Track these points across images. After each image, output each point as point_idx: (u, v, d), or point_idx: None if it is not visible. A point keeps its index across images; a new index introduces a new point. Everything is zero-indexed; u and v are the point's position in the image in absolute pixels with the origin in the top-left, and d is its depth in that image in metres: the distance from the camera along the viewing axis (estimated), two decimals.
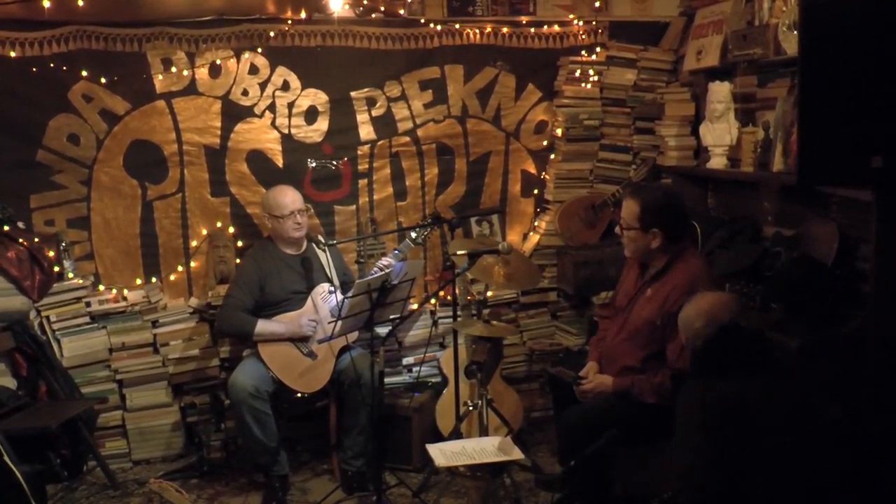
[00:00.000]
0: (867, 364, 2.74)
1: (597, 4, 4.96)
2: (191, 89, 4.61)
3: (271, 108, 4.71)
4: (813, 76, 2.48)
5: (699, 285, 3.23)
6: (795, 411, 2.29)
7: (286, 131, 4.75)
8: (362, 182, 4.91)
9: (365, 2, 4.70)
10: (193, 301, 4.73)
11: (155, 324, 4.64)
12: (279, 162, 4.76)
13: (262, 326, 4.15)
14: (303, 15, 4.61)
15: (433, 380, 4.84)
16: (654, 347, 3.41)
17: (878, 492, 2.52)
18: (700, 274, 3.34)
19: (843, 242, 3.30)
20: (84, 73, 4.43)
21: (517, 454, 3.47)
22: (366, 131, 4.85)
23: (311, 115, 4.77)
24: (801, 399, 2.32)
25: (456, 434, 4.20)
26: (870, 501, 2.50)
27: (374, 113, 4.85)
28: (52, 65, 4.37)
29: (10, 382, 4.21)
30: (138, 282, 4.73)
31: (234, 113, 4.68)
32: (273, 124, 4.73)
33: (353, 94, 4.79)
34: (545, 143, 5.13)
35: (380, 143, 4.89)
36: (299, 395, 4.19)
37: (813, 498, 2.28)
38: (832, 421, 2.32)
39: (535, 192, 5.18)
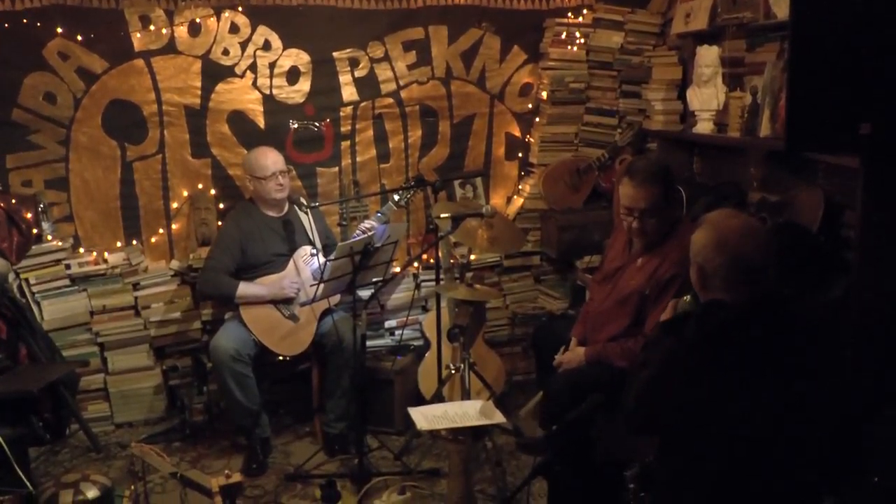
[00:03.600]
0: (850, 331, 2.76)
1: None
2: (170, 48, 4.52)
3: (252, 68, 4.64)
4: (803, 41, 2.46)
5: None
6: (772, 376, 2.29)
7: (268, 92, 4.68)
8: (345, 144, 4.86)
9: None
10: (175, 263, 4.69)
11: (136, 286, 4.61)
12: (261, 123, 4.70)
13: (244, 289, 4.12)
14: None
15: (416, 343, 4.84)
16: (640, 317, 3.41)
17: (854, 458, 2.54)
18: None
19: (828, 209, 3.30)
20: (59, 30, 4.34)
21: (499, 418, 3.48)
22: (348, 92, 4.79)
23: (292, 75, 4.70)
24: (780, 365, 2.32)
25: (438, 397, 4.22)
26: (845, 467, 2.53)
27: (357, 74, 4.78)
28: (25, 21, 4.27)
29: None
30: (119, 244, 4.68)
31: (214, 73, 4.60)
32: (254, 85, 4.66)
33: (335, 54, 4.72)
34: (530, 105, 5.09)
35: (363, 104, 4.83)
36: (281, 358, 4.17)
37: (779, 464, 2.29)
38: (809, 387, 2.32)
39: (520, 155, 5.15)
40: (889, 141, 2.44)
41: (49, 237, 4.48)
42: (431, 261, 4.61)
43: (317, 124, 4.78)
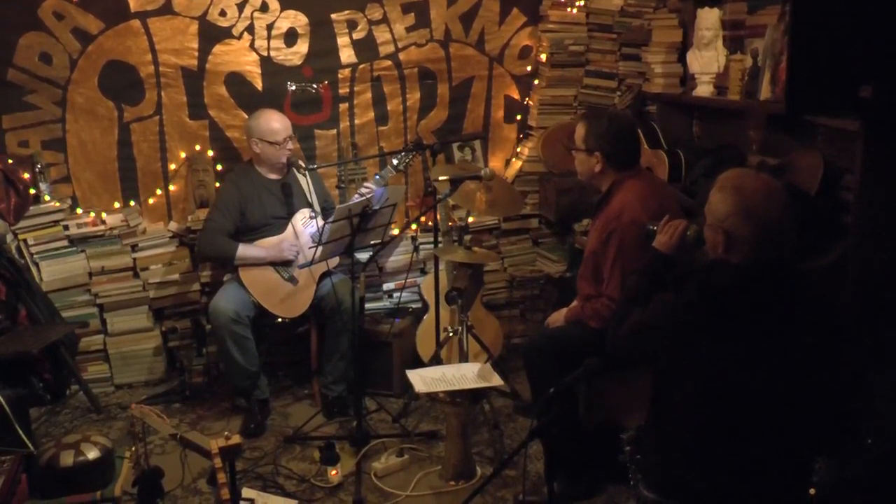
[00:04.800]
0: (847, 294, 2.76)
1: None
2: (166, 9, 4.47)
3: (250, 29, 4.59)
4: (805, 4, 2.45)
5: (628, 212, 3.20)
6: (770, 339, 2.29)
7: (265, 54, 4.64)
8: (343, 106, 4.83)
9: None
10: (173, 225, 4.69)
11: (134, 248, 4.61)
12: (258, 85, 4.67)
13: (243, 251, 4.13)
14: None
15: (414, 306, 4.86)
16: (600, 276, 3.41)
17: (849, 421, 2.56)
18: (630, 200, 3.26)
19: (827, 173, 3.29)
20: None
21: (496, 381, 3.51)
22: (347, 55, 4.75)
23: (290, 37, 4.66)
24: (777, 329, 2.32)
25: (436, 360, 4.24)
26: (840, 430, 2.55)
27: (356, 36, 4.74)
28: None
29: None
30: (117, 205, 4.67)
31: (211, 34, 4.56)
32: (252, 46, 4.62)
33: (333, 16, 4.68)
34: (529, 68, 5.06)
35: (361, 66, 4.79)
36: (280, 320, 4.19)
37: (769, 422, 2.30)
38: (807, 350, 2.33)
39: (519, 117, 5.13)
40: (889, 104, 2.44)
41: (47, 198, 4.47)
42: (430, 223, 4.60)
43: (315, 86, 4.75)
